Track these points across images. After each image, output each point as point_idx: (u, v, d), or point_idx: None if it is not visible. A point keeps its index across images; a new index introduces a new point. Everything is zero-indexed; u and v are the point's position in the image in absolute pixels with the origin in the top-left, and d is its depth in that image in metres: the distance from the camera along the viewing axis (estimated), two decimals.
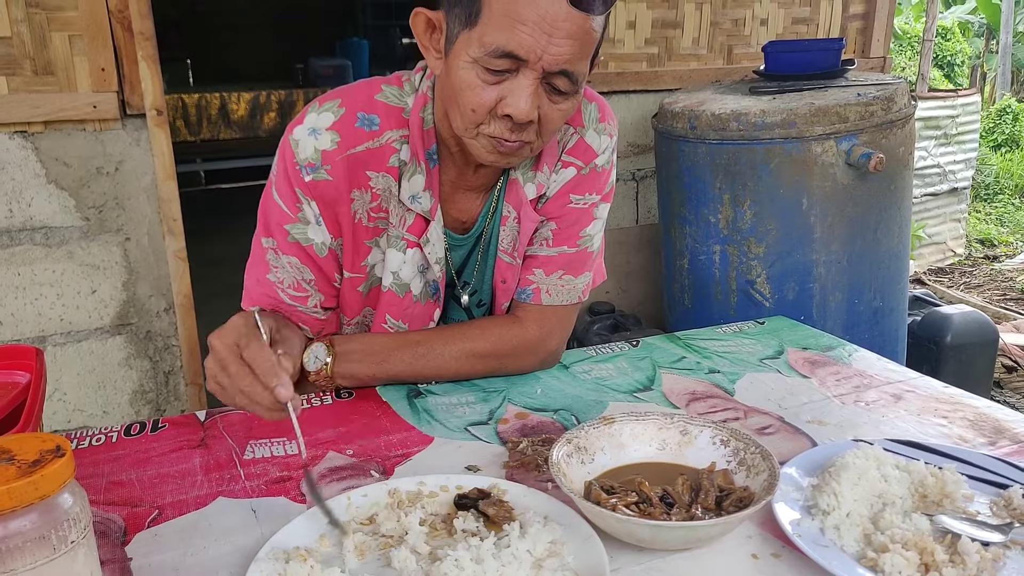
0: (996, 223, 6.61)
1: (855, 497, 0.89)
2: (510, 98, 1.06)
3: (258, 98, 6.19)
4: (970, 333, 3.09)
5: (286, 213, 1.20)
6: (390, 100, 1.21)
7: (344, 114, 1.18)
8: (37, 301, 2.35)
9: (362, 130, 1.19)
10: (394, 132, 1.20)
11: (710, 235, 2.56)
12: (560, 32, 1.02)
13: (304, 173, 1.17)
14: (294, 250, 1.22)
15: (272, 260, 1.24)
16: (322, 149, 1.17)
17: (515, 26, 1.01)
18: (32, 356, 1.02)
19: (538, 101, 1.07)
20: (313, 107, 1.20)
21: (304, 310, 1.27)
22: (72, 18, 2.20)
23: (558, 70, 1.05)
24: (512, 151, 1.13)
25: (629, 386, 1.31)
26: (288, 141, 1.19)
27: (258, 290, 1.25)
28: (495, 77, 1.06)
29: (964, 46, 11.31)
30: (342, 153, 1.18)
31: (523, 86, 1.05)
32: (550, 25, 1.01)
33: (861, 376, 1.33)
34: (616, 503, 0.88)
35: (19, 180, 2.26)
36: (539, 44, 1.02)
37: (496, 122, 1.09)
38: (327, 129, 1.17)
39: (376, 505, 0.93)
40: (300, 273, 1.24)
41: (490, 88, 1.06)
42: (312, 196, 1.19)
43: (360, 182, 1.20)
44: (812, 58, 2.71)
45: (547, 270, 1.32)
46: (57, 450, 0.68)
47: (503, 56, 1.03)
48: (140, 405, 2.55)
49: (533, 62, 1.03)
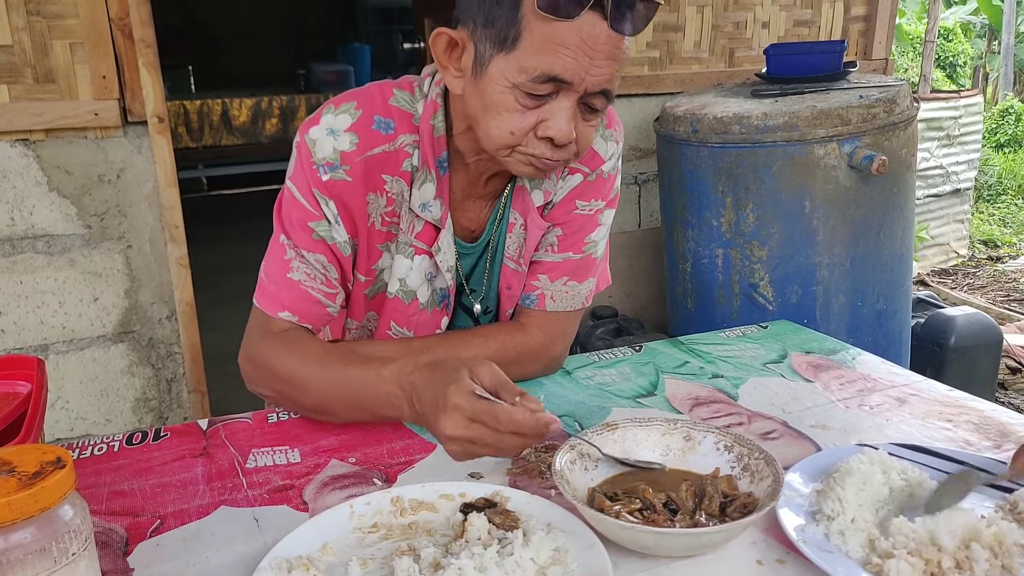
0: (999, 224, 6.60)
1: (860, 502, 0.89)
2: (551, 121, 1.06)
3: (260, 104, 6.22)
4: (974, 335, 3.08)
5: (309, 211, 1.19)
6: (402, 105, 1.21)
7: (361, 116, 1.18)
8: (39, 309, 2.35)
9: (379, 133, 1.18)
10: (407, 136, 1.20)
11: (713, 238, 2.56)
12: (601, 54, 1.02)
13: (322, 172, 1.16)
14: (321, 248, 1.20)
15: (294, 258, 1.21)
16: (341, 149, 1.16)
17: (558, 50, 1.00)
18: (33, 366, 1.02)
19: (575, 121, 1.08)
20: (329, 108, 1.19)
21: (332, 310, 1.24)
22: (73, 26, 2.21)
23: (598, 90, 1.05)
24: (551, 167, 1.13)
25: (632, 392, 1.30)
26: (304, 140, 1.17)
27: (284, 292, 1.21)
28: (535, 101, 1.05)
29: (966, 47, 11.31)
30: (361, 154, 1.17)
31: (564, 108, 1.05)
32: (591, 48, 1.01)
33: (865, 380, 1.33)
34: (620, 510, 0.88)
35: (20, 188, 2.27)
36: (582, 67, 1.02)
37: (536, 144, 1.08)
38: (345, 131, 1.16)
39: (379, 513, 0.93)
40: (327, 271, 1.21)
41: (529, 112, 1.06)
42: (330, 195, 1.18)
43: (376, 185, 1.20)
44: (814, 60, 2.71)
45: (552, 276, 1.31)
46: (58, 461, 0.68)
47: (547, 81, 1.03)
48: (143, 413, 2.54)
49: (577, 85, 1.03)
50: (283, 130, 6.37)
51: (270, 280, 1.22)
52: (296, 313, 1.21)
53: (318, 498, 1.00)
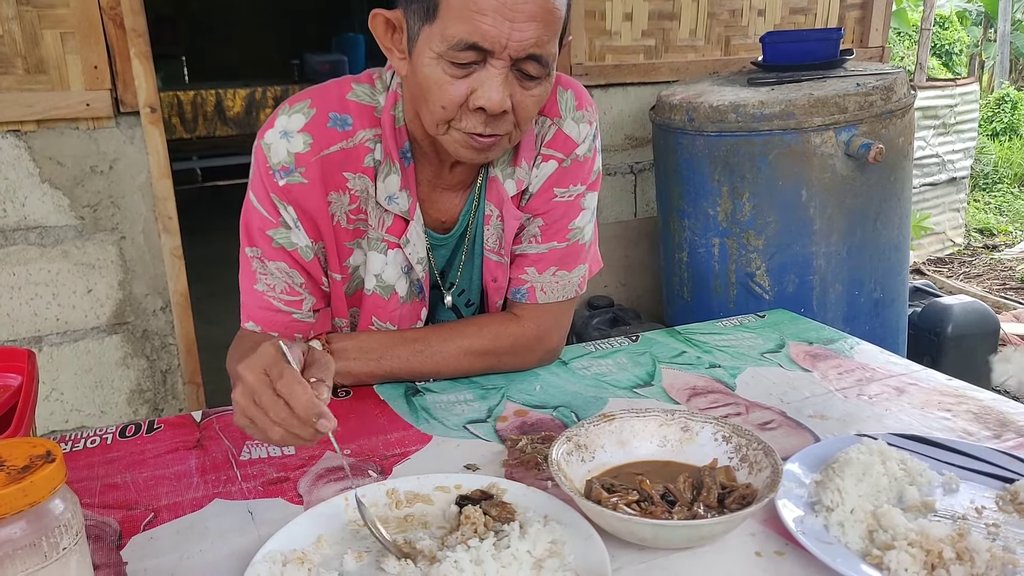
0: (995, 212, 6.60)
1: (859, 493, 0.88)
2: (480, 90, 1.03)
3: (254, 94, 6.18)
4: (971, 324, 3.09)
5: (267, 219, 1.18)
6: (361, 99, 1.19)
7: (315, 115, 1.16)
8: (33, 301, 2.34)
9: (335, 130, 1.16)
10: (367, 131, 1.18)
11: (709, 228, 2.55)
12: (522, 15, 0.99)
13: (278, 177, 1.15)
14: (281, 255, 1.20)
15: (259, 269, 1.21)
16: (295, 152, 1.15)
17: (475, 16, 0.99)
18: (24, 358, 1.01)
19: (510, 90, 1.05)
20: (283, 109, 1.17)
21: (300, 316, 1.24)
22: (64, 15, 2.19)
23: (526, 55, 1.03)
24: (488, 145, 1.10)
25: (629, 382, 1.29)
26: (260, 146, 1.16)
27: (251, 302, 1.24)
28: (462, 70, 1.03)
29: (962, 35, 11.29)
30: (315, 155, 1.15)
31: (492, 76, 1.03)
32: (510, 10, 0.99)
33: (863, 369, 1.32)
34: (617, 502, 0.87)
35: (12, 180, 2.25)
36: (502, 31, 0.99)
37: (469, 116, 1.06)
38: (299, 131, 1.15)
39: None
40: (290, 278, 1.21)
41: (458, 82, 1.04)
42: (288, 201, 1.16)
43: (337, 184, 1.18)
44: (810, 48, 2.70)
45: (539, 268, 1.30)
46: (47, 455, 0.67)
47: (467, 48, 1.01)
48: (137, 404, 2.54)
49: (499, 51, 1.01)
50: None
51: (242, 291, 1.25)
52: (259, 323, 1.24)
53: (313, 491, 0.99)
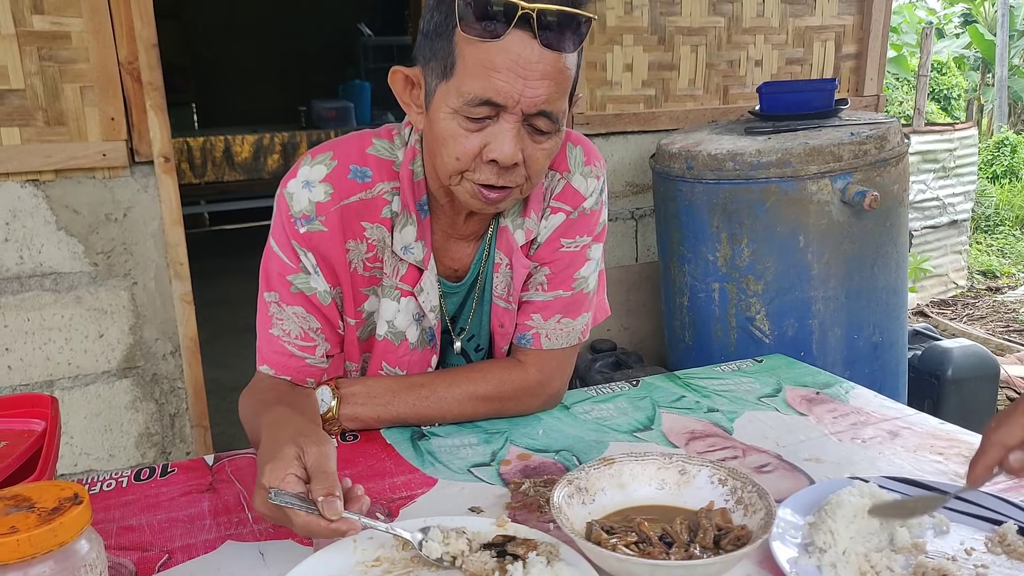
0: (997, 254, 6.64)
1: (851, 534, 0.91)
2: (493, 143, 1.09)
3: (261, 140, 6.27)
4: (970, 367, 3.10)
5: (287, 264, 1.23)
6: (381, 153, 1.25)
7: (337, 166, 1.22)
8: (46, 346, 2.38)
9: (355, 182, 1.22)
10: (385, 184, 1.24)
11: (709, 273, 2.60)
12: (535, 74, 1.05)
13: (299, 225, 1.21)
14: (299, 300, 1.24)
15: (276, 314, 1.26)
16: (316, 201, 1.20)
17: (490, 74, 1.04)
18: (47, 404, 1.05)
19: (521, 143, 1.10)
20: (306, 160, 1.23)
21: (313, 361, 1.28)
22: (84, 70, 2.27)
23: (537, 111, 1.08)
24: (500, 199, 1.16)
25: (629, 426, 1.33)
26: (283, 195, 1.22)
27: (266, 347, 1.28)
28: (476, 124, 1.09)
29: (960, 80, 11.45)
30: (336, 204, 1.21)
31: (505, 130, 1.08)
32: (524, 68, 1.04)
33: (858, 413, 1.35)
34: (616, 543, 0.90)
35: (30, 227, 2.31)
36: (515, 88, 1.05)
37: (482, 168, 1.12)
38: (320, 181, 1.21)
39: (382, 547, 0.95)
40: (306, 322, 1.26)
41: (473, 135, 1.09)
42: (308, 247, 1.22)
43: (355, 232, 1.24)
44: (806, 98, 2.77)
45: (545, 315, 1.34)
46: (75, 498, 0.71)
47: (482, 104, 1.06)
48: (146, 448, 2.56)
49: (512, 106, 1.06)
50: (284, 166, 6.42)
51: (258, 335, 1.29)
52: (273, 367, 1.28)
53: None
